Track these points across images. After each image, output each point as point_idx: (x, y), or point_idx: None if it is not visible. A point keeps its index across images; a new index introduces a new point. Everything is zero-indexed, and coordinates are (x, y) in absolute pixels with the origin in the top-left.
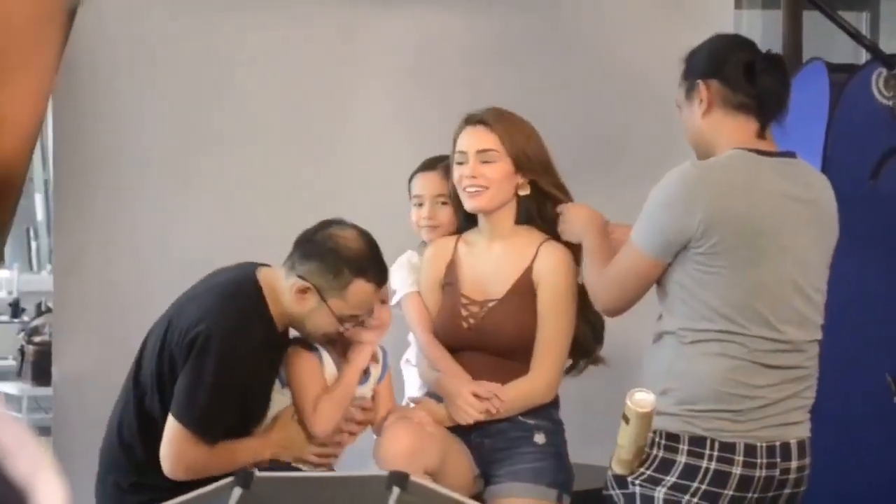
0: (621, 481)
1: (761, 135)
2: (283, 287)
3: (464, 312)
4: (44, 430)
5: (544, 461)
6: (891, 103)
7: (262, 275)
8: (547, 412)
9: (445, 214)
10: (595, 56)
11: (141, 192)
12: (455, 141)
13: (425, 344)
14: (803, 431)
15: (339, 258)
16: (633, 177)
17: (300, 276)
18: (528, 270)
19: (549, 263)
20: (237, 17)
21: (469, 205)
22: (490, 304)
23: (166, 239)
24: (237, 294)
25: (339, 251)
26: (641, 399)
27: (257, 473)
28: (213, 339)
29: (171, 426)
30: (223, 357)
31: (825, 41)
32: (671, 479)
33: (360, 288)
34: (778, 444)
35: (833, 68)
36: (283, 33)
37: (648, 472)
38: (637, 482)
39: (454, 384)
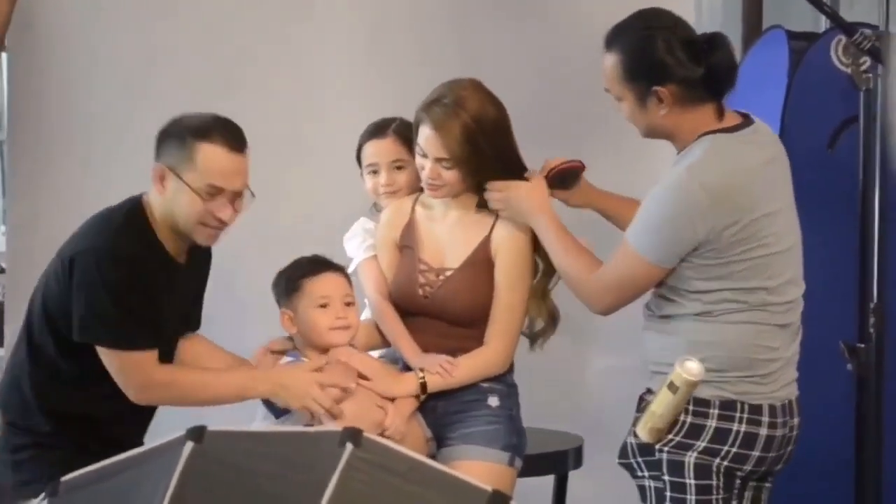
0: (646, 449)
1: (720, 113)
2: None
3: (421, 280)
4: None
5: (497, 424)
6: (849, 71)
7: (145, 197)
8: (501, 376)
9: (403, 178)
10: (551, 23)
11: (96, 152)
12: (416, 124)
13: (378, 310)
14: (797, 388)
15: (182, 128)
16: (590, 146)
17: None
18: (486, 241)
19: (507, 236)
20: None
21: (430, 194)
22: (447, 273)
23: (120, 200)
24: (109, 216)
25: (182, 122)
26: (693, 367)
27: (209, 428)
28: (90, 254)
29: (102, 354)
30: (108, 268)
31: (785, 8)
32: (702, 443)
33: (208, 152)
34: (787, 402)
35: (793, 36)
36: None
37: (677, 439)
38: (665, 449)
39: (406, 360)
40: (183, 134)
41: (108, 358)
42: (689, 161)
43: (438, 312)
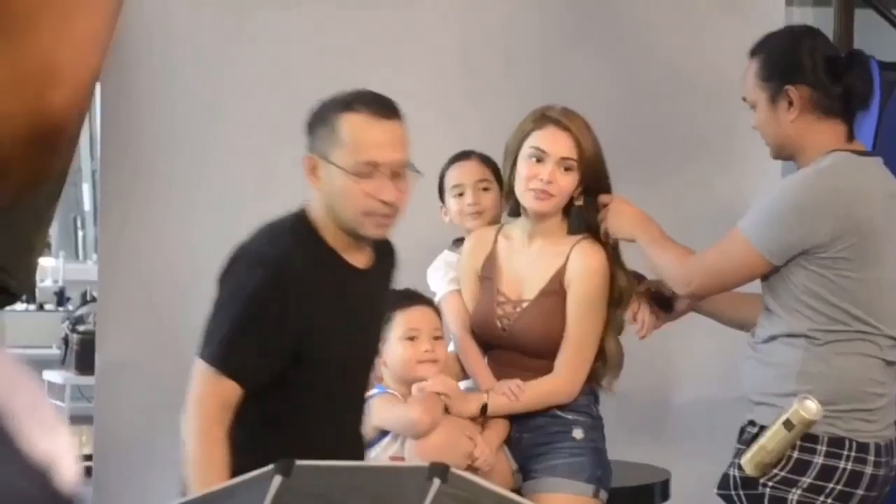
0: (749, 483)
1: (850, 136)
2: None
3: (499, 312)
4: (86, 419)
5: (582, 456)
6: None
7: (308, 204)
8: (586, 407)
9: (489, 199)
10: (642, 49)
11: (187, 182)
12: (528, 133)
13: (460, 343)
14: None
15: (324, 108)
16: (675, 179)
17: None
18: (561, 272)
19: (582, 266)
20: (280, 3)
21: (532, 206)
22: (523, 305)
23: (212, 229)
24: (277, 222)
25: (324, 102)
26: (812, 407)
27: (297, 462)
28: (235, 261)
29: (195, 365)
30: (248, 271)
31: (877, 39)
32: (807, 480)
33: (352, 122)
34: (889, 441)
35: (885, 66)
36: (327, 16)
37: (782, 474)
38: (769, 484)
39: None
40: (324, 113)
41: (194, 369)
42: (818, 166)
43: (516, 344)
